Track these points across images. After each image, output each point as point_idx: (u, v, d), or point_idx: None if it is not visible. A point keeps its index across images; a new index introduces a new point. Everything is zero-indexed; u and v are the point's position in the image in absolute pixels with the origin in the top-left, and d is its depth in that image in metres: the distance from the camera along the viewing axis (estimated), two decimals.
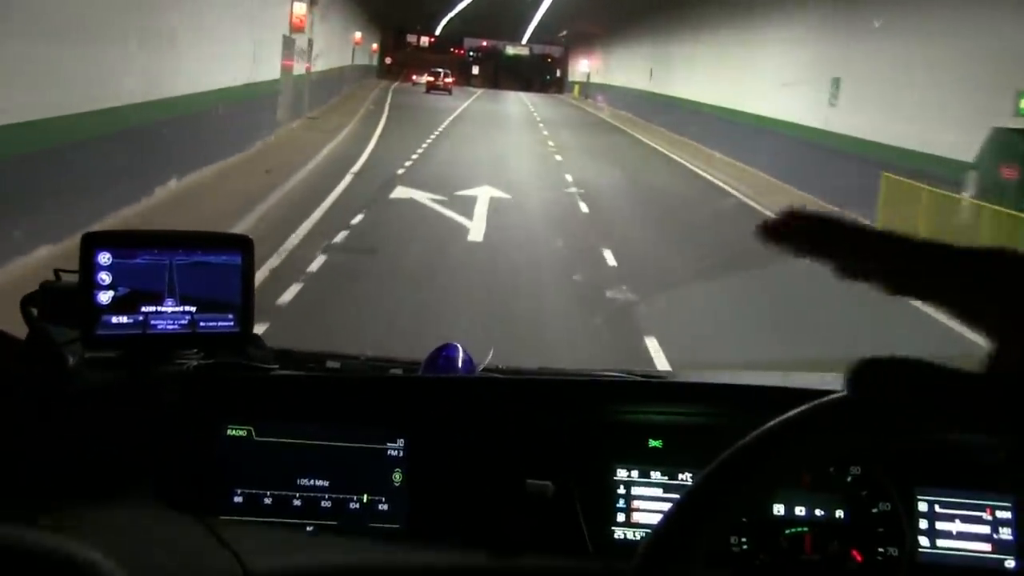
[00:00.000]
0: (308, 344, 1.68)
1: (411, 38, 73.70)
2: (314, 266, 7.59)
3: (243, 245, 1.32)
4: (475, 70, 71.30)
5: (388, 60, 68.09)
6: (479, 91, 56.46)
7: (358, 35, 33.12)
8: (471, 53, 79.52)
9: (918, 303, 0.57)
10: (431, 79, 46.58)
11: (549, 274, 8.17)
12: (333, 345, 1.73)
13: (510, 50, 78.45)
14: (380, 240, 8.91)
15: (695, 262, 9.09)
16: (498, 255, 8.52)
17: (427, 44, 75.56)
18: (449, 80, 47.21)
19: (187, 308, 1.32)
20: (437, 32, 65.79)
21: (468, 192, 11.93)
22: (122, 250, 1.29)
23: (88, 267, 1.27)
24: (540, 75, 75.05)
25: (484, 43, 78.24)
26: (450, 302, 6.90)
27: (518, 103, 41.78)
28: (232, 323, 1.34)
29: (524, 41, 68.89)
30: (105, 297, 1.29)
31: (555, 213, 11.55)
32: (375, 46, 51.05)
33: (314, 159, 13.49)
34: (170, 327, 1.32)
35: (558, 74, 72.85)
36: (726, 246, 9.30)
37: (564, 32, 57.52)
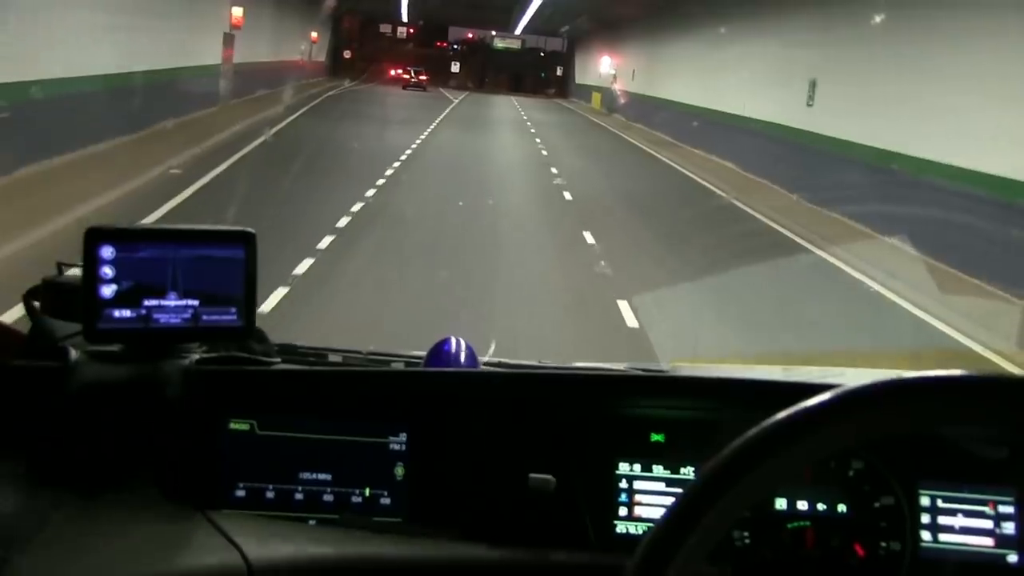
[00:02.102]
0: None
1: (385, 28, 65.08)
2: None
3: (246, 240, 1.36)
4: (455, 67, 63.31)
5: (347, 54, 58.22)
6: (459, 97, 45.62)
7: (237, 13, 21.68)
8: (455, 46, 71.82)
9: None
10: (405, 76, 46.70)
11: None
12: None
13: (499, 43, 69.70)
14: None
15: None
16: None
17: (405, 36, 66.91)
18: (423, 78, 46.95)
19: (190, 302, 1.36)
20: (404, 18, 57.92)
21: None
22: (125, 244, 1.33)
23: (91, 261, 1.31)
24: (535, 73, 66.87)
25: (470, 34, 70.77)
26: None
27: (515, 126, 29.29)
28: (235, 317, 1.37)
29: (518, 31, 59.74)
30: (108, 291, 1.32)
31: None
32: (314, 35, 40.96)
33: None
34: (173, 321, 1.36)
35: (559, 72, 63.54)
36: None
37: (567, 26, 48.65)
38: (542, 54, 65.63)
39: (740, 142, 17.08)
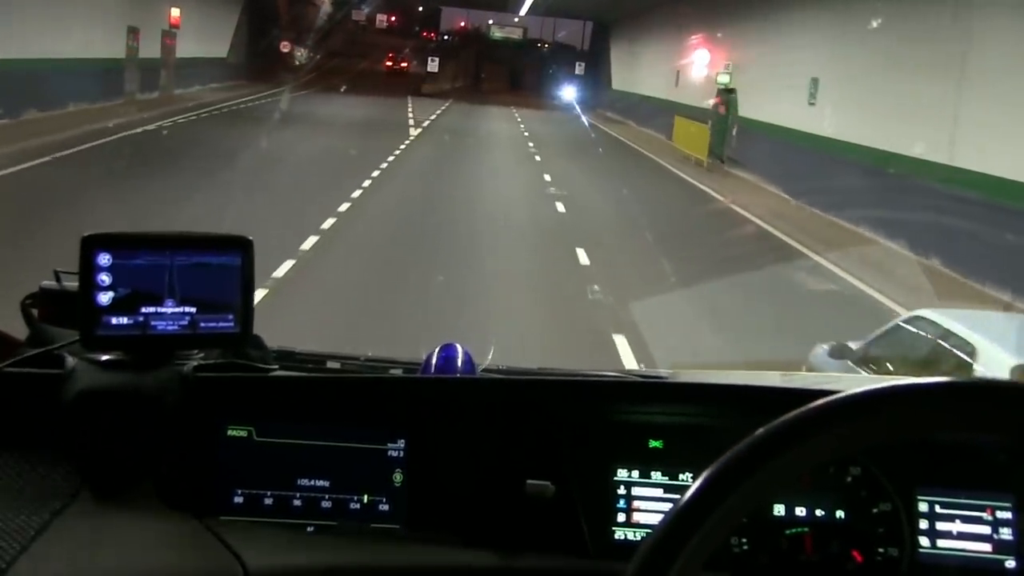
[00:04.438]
0: None
1: (358, 15, 47.52)
2: None
3: (243, 246, 1.42)
4: (432, 65, 43.47)
5: (285, 47, 39.17)
6: (430, 115, 27.88)
7: None
8: (445, 36, 54.95)
9: None
10: (388, 63, 44.19)
11: None
12: None
13: (497, 33, 52.37)
14: None
15: None
16: None
17: (386, 24, 50.14)
18: (404, 65, 44.34)
19: (187, 309, 1.41)
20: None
21: None
22: (122, 251, 1.38)
23: (88, 268, 1.36)
24: (547, 72, 48.52)
25: (463, 23, 55.32)
26: None
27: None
28: (232, 324, 1.42)
29: (524, 11, 43.11)
30: (105, 298, 1.37)
31: None
32: (175, 13, 26.21)
33: None
34: (170, 328, 1.41)
35: (578, 70, 44.37)
36: None
37: (599, 5, 34.13)
38: (545, 46, 54.06)
39: None
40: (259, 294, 6.69)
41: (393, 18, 53.30)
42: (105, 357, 1.40)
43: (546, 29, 54.42)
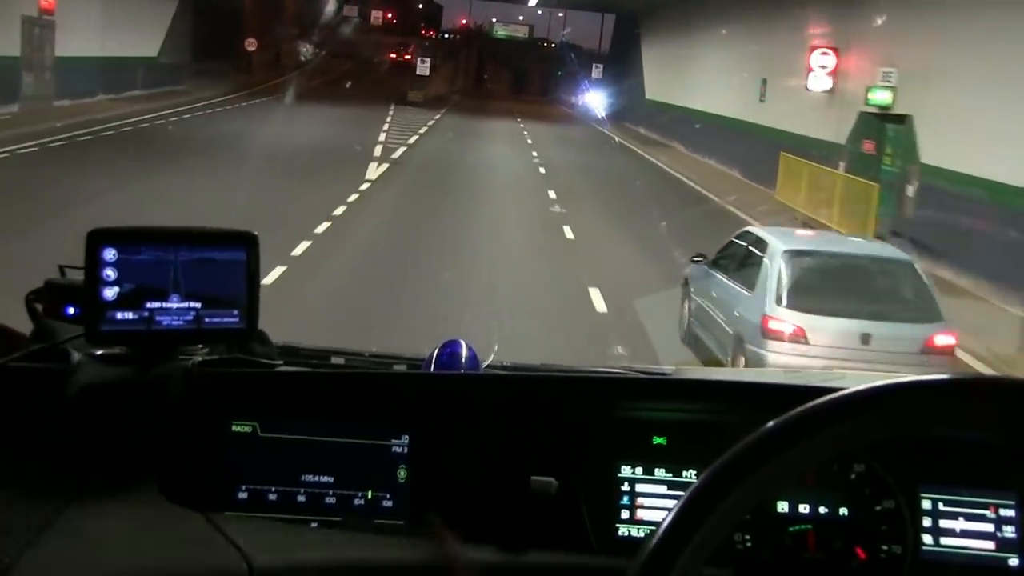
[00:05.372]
0: None
1: (350, 11, 41.30)
2: None
3: (248, 241, 1.44)
4: (423, 67, 36.01)
5: (250, 46, 31.90)
6: (414, 135, 21.84)
7: None
8: (445, 35, 51.03)
9: None
10: (392, 55, 41.95)
11: None
12: None
13: (501, 31, 47.63)
14: None
15: None
16: None
17: (381, 21, 44.44)
18: (408, 57, 40.15)
19: (192, 304, 1.43)
20: None
21: None
22: (127, 246, 1.40)
23: (93, 263, 1.39)
24: (553, 73, 44.10)
25: (464, 20, 51.92)
26: None
27: None
28: (237, 319, 1.44)
29: (533, 8, 44.04)
30: (110, 293, 1.39)
31: None
32: None
33: None
34: (175, 323, 1.42)
35: (595, 73, 36.21)
36: None
37: None
38: (546, 45, 49.17)
39: None
40: None
41: (390, 14, 46.75)
42: (107, 351, 1.43)
43: (556, 24, 48.17)
